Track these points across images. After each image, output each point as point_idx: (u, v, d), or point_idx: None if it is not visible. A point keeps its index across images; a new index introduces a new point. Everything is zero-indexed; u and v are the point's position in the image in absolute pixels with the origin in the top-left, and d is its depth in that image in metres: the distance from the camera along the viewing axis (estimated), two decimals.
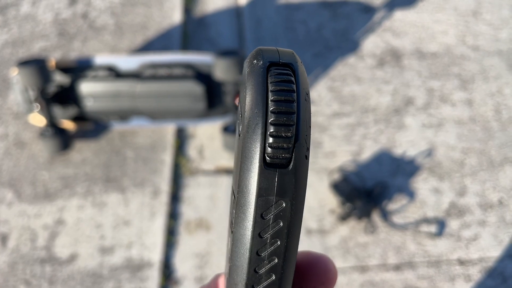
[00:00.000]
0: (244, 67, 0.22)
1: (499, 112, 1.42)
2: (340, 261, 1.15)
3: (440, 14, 1.68)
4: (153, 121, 1.37)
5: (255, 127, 0.19)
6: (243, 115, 0.20)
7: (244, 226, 0.20)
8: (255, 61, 0.21)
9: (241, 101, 0.21)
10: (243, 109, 0.20)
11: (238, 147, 0.21)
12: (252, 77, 0.20)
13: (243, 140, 0.20)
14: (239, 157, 0.20)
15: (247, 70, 0.21)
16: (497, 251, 1.17)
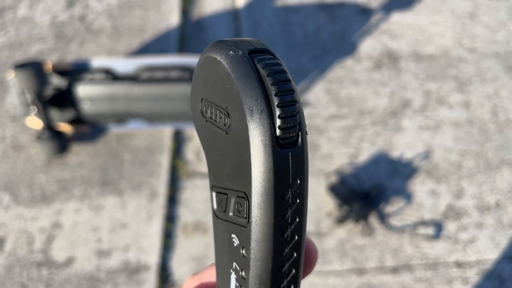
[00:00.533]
0: (209, 60, 0.21)
1: (496, 114, 1.42)
2: (338, 264, 1.15)
3: (437, 16, 1.68)
4: (150, 124, 1.37)
5: (261, 113, 0.19)
6: (233, 106, 0.20)
7: (266, 213, 0.20)
8: (231, 52, 0.20)
9: (218, 94, 0.21)
10: (229, 100, 0.20)
11: (235, 138, 0.20)
12: (239, 66, 0.20)
13: (246, 129, 0.19)
14: (243, 147, 0.20)
15: (228, 61, 0.20)
16: (494, 253, 1.17)
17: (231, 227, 0.22)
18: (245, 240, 0.21)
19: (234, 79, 0.20)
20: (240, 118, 0.20)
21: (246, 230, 0.21)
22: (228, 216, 0.23)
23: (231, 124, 0.21)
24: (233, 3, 1.78)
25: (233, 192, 0.22)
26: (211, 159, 0.23)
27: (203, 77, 0.22)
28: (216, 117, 0.22)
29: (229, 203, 0.22)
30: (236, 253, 0.22)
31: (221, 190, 0.23)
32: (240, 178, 0.21)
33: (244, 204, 0.21)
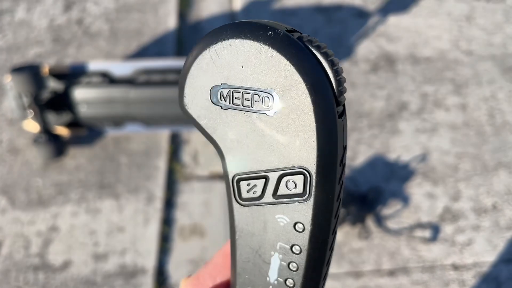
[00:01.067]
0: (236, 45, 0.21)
1: (493, 117, 1.43)
2: (335, 267, 1.15)
3: (433, 19, 1.69)
4: (147, 127, 1.37)
5: (325, 89, 0.20)
6: (282, 86, 0.20)
7: (331, 184, 0.21)
8: (270, 33, 0.20)
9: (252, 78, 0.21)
10: (276, 81, 0.20)
11: (288, 117, 0.21)
12: (290, 44, 0.20)
13: (309, 105, 0.20)
14: (304, 122, 0.20)
15: (271, 42, 0.20)
16: (491, 256, 1.17)
17: (276, 208, 0.23)
18: (302, 215, 0.22)
19: (286, 59, 0.20)
20: (298, 96, 0.20)
21: (306, 205, 0.22)
22: (269, 198, 0.23)
23: (281, 105, 0.21)
24: (230, 6, 1.78)
25: (279, 172, 0.22)
26: (232, 149, 0.22)
27: (219, 63, 0.22)
28: (248, 101, 0.21)
29: (269, 185, 0.22)
30: (284, 232, 0.23)
31: (253, 175, 0.22)
32: (296, 155, 0.21)
33: (302, 180, 0.21)
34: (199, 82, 0.22)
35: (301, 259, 0.23)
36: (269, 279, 0.24)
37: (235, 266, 0.25)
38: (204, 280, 0.27)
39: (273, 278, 0.24)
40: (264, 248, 0.23)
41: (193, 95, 0.23)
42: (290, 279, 0.23)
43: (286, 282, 0.23)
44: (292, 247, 0.23)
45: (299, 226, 0.22)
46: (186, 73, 0.23)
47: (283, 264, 0.23)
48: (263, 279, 0.24)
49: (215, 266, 0.28)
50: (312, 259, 0.23)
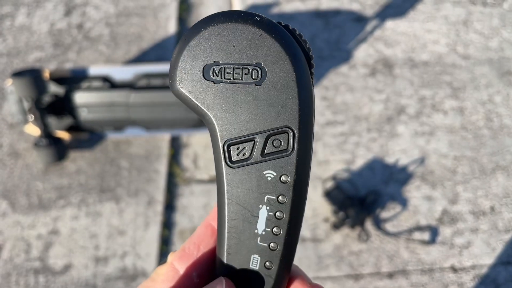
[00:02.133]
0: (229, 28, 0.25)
1: (491, 120, 1.44)
2: (334, 269, 1.16)
3: (431, 23, 1.70)
4: (148, 131, 1.38)
5: (303, 61, 0.25)
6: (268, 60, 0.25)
7: (309, 138, 0.26)
8: (256, 17, 0.25)
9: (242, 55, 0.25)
10: (263, 56, 0.25)
11: (273, 85, 0.25)
12: (275, 29, 0.25)
13: (293, 74, 0.24)
14: (287, 89, 0.25)
15: (260, 25, 0.25)
16: (490, 258, 1.17)
17: (263, 165, 0.26)
18: (286, 167, 0.26)
19: (274, 39, 0.25)
20: (283, 67, 0.25)
21: (290, 159, 0.26)
22: (257, 157, 0.26)
23: (266, 76, 0.25)
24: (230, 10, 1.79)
25: (266, 133, 0.26)
26: (223, 118, 0.26)
27: (211, 45, 0.25)
28: (238, 75, 0.25)
29: (258, 145, 0.26)
30: (271, 185, 0.26)
31: (243, 139, 0.26)
32: (282, 116, 0.25)
33: (286, 137, 0.26)
34: (192, 62, 0.25)
35: (286, 207, 0.26)
36: (257, 230, 0.27)
37: (224, 225, 0.27)
38: (189, 249, 0.30)
39: (261, 229, 0.27)
40: (253, 203, 0.27)
41: (186, 74, 0.26)
42: (277, 227, 0.27)
43: (273, 230, 0.27)
44: (278, 197, 0.26)
45: (284, 177, 0.26)
46: (178, 55, 0.26)
47: (270, 214, 0.27)
48: (252, 232, 0.27)
49: (198, 236, 0.30)
50: (295, 206, 0.26)
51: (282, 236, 0.27)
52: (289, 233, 0.27)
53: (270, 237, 0.27)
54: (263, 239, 0.27)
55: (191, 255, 0.30)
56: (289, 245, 0.27)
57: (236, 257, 0.28)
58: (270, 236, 0.27)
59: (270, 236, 0.27)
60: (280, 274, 0.27)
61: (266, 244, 0.27)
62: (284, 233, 0.27)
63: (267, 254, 0.27)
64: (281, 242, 0.27)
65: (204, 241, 0.30)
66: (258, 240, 0.27)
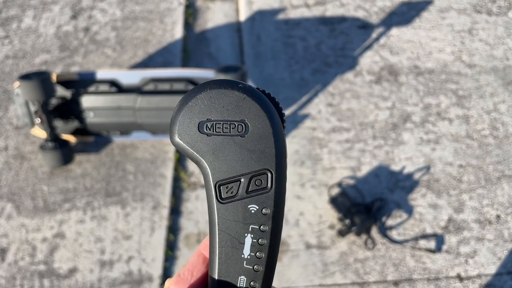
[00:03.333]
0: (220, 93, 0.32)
1: (496, 129, 1.44)
2: (340, 277, 1.15)
3: (436, 31, 1.71)
4: (154, 135, 1.38)
5: (276, 117, 0.32)
6: (251, 117, 0.32)
7: (284, 178, 0.32)
8: (240, 85, 0.32)
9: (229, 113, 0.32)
10: (246, 114, 0.32)
11: (255, 136, 0.31)
12: (254, 93, 0.32)
13: (269, 128, 0.31)
14: (266, 139, 0.31)
15: (243, 91, 0.32)
16: (496, 267, 1.17)
17: (248, 201, 0.32)
18: (267, 202, 0.32)
19: (255, 101, 0.31)
20: (262, 122, 0.31)
21: (269, 194, 0.32)
22: (242, 194, 0.32)
23: (249, 129, 0.31)
24: (236, 16, 1.80)
25: (250, 174, 0.32)
26: (214, 163, 0.32)
27: (204, 106, 0.32)
28: (226, 129, 0.31)
29: (242, 185, 0.32)
30: (254, 217, 0.32)
31: (230, 180, 0.32)
32: (262, 160, 0.31)
33: (265, 178, 0.32)
34: (189, 119, 0.32)
35: (267, 234, 0.32)
36: (244, 255, 0.32)
37: (215, 251, 0.33)
38: (184, 275, 0.34)
39: (246, 254, 0.32)
40: (240, 232, 0.32)
41: (184, 129, 0.32)
42: (259, 252, 0.32)
43: (256, 254, 0.32)
44: (260, 226, 0.32)
45: (265, 210, 0.32)
46: (178, 113, 0.32)
47: (254, 241, 0.32)
48: (239, 256, 0.32)
49: (191, 264, 0.35)
50: (275, 233, 0.32)
51: (264, 259, 0.33)
52: (269, 256, 0.33)
53: (254, 261, 0.33)
54: (248, 262, 0.33)
55: (186, 280, 0.34)
56: (270, 266, 0.33)
57: (226, 279, 0.33)
58: (254, 259, 0.33)
59: (254, 260, 0.33)
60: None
61: (251, 266, 0.33)
62: (266, 256, 0.33)
63: (252, 275, 0.33)
64: (263, 264, 0.33)
65: (197, 268, 0.35)
66: (244, 263, 0.33)
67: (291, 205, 1.28)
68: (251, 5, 1.81)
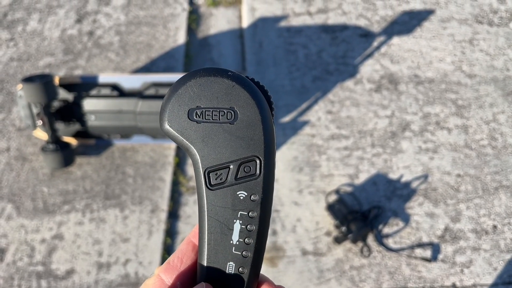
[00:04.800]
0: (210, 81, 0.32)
1: (495, 139, 1.44)
2: (335, 284, 1.16)
3: (437, 41, 1.72)
4: (154, 139, 1.39)
5: (265, 105, 0.32)
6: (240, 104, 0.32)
7: (272, 164, 0.33)
8: (230, 73, 0.32)
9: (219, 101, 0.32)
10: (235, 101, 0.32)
11: (244, 124, 0.32)
12: (243, 81, 0.32)
13: (258, 115, 0.32)
14: (255, 126, 0.32)
15: (232, 78, 0.32)
16: (491, 277, 1.17)
17: (237, 187, 0.32)
18: (255, 188, 0.32)
19: (244, 89, 0.32)
20: (251, 110, 0.31)
21: (258, 181, 0.32)
22: (231, 181, 0.32)
23: (238, 117, 0.31)
24: (239, 22, 1.82)
25: (239, 161, 0.32)
26: (204, 150, 0.32)
27: (194, 94, 0.32)
28: (216, 117, 0.32)
29: (232, 171, 0.32)
30: (243, 203, 0.33)
31: (219, 166, 0.32)
32: (251, 147, 0.32)
33: (254, 164, 0.32)
34: (179, 107, 0.32)
35: (255, 220, 0.33)
36: (232, 241, 0.33)
37: (204, 238, 0.33)
38: (174, 263, 0.35)
39: (235, 240, 0.33)
40: (229, 218, 0.33)
41: (174, 116, 0.32)
42: (248, 238, 0.33)
43: (245, 240, 0.33)
44: (249, 212, 0.33)
45: (253, 196, 0.32)
46: (168, 101, 0.32)
47: (243, 227, 0.33)
48: (228, 242, 0.33)
49: (181, 251, 0.35)
50: (263, 219, 0.33)
51: (253, 245, 0.33)
52: (258, 242, 0.33)
53: (243, 246, 0.33)
54: (237, 248, 0.33)
55: (175, 267, 0.34)
56: (258, 252, 0.33)
57: (215, 265, 0.33)
58: (243, 245, 0.33)
59: (242, 246, 0.33)
60: (251, 277, 0.34)
61: (239, 252, 0.33)
62: (254, 242, 0.33)
63: (240, 261, 0.33)
64: (251, 250, 0.33)
65: (186, 255, 0.35)
66: (233, 249, 0.33)
67: (288, 211, 1.28)
68: (254, 12, 1.83)
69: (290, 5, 1.85)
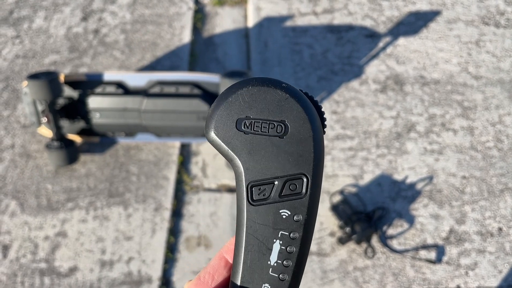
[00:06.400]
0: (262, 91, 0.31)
1: (501, 141, 1.43)
2: (339, 285, 1.15)
3: (443, 42, 1.71)
4: (158, 138, 1.39)
5: (318, 121, 0.31)
6: (291, 118, 0.31)
7: (319, 185, 0.31)
8: (284, 84, 0.31)
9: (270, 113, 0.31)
10: (286, 114, 0.31)
11: (294, 138, 0.30)
12: (297, 94, 0.31)
13: (310, 131, 0.30)
14: (305, 142, 0.30)
15: (287, 90, 0.31)
16: (496, 280, 1.16)
17: (280, 205, 0.31)
18: (300, 208, 0.30)
19: (297, 102, 0.30)
20: (302, 125, 0.30)
21: (303, 201, 0.30)
22: (275, 198, 0.31)
23: (289, 130, 0.30)
24: (244, 22, 1.82)
25: (285, 178, 0.30)
26: (249, 162, 0.31)
27: (245, 103, 0.31)
28: (265, 129, 0.30)
29: (276, 188, 0.30)
30: (285, 223, 0.31)
31: (264, 181, 0.31)
32: (299, 164, 0.30)
33: (301, 183, 0.30)
34: (227, 116, 0.31)
35: (297, 242, 0.31)
36: (270, 262, 0.31)
37: (240, 255, 0.31)
38: (204, 278, 0.33)
39: (273, 261, 0.31)
40: (268, 237, 0.31)
41: (221, 125, 0.31)
42: (287, 260, 0.31)
43: (283, 262, 0.31)
44: (290, 233, 0.30)
45: (297, 217, 0.30)
46: (215, 109, 0.31)
47: (283, 248, 0.31)
48: (265, 263, 0.31)
49: (213, 267, 0.33)
50: (304, 241, 0.31)
51: (291, 268, 0.31)
52: (297, 265, 0.31)
53: (281, 269, 0.31)
54: (274, 270, 0.31)
55: (206, 283, 0.32)
56: (296, 276, 0.31)
57: (249, 285, 0.31)
58: (281, 267, 0.31)
59: (280, 268, 0.31)
60: None
61: (276, 274, 0.31)
62: (293, 265, 0.31)
63: (277, 284, 0.31)
64: (290, 273, 0.31)
65: (218, 272, 0.33)
66: (270, 270, 0.31)
67: None
68: (259, 11, 1.82)
69: (295, 5, 1.84)
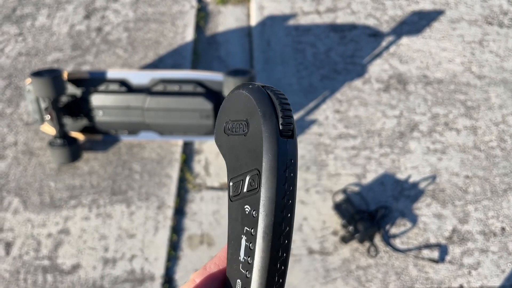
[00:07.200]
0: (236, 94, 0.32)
1: (504, 141, 1.43)
2: (341, 284, 1.15)
3: (447, 41, 1.71)
4: (161, 136, 1.39)
5: (270, 117, 0.30)
6: (251, 116, 0.31)
7: (271, 181, 0.29)
8: (250, 86, 0.31)
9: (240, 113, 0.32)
10: (249, 114, 0.31)
11: (252, 136, 0.31)
12: (256, 93, 0.31)
13: (260, 127, 0.30)
14: (258, 139, 0.30)
15: (248, 91, 0.31)
16: (499, 280, 1.16)
17: (245, 201, 0.31)
18: (255, 204, 0.30)
19: (253, 100, 0.31)
20: (257, 122, 0.30)
21: (257, 196, 0.29)
22: (243, 193, 0.31)
23: (249, 128, 0.31)
24: (247, 20, 1.81)
25: (248, 173, 0.31)
26: (230, 161, 0.32)
27: (230, 106, 0.33)
28: (237, 129, 0.32)
29: (243, 183, 0.31)
30: (247, 218, 0.30)
31: (237, 178, 0.32)
32: (255, 160, 0.30)
33: (256, 178, 0.30)
34: (219, 122, 0.33)
35: (254, 239, 0.30)
36: (240, 258, 0.31)
37: (228, 248, 0.33)
38: (211, 269, 0.34)
39: (242, 257, 0.31)
40: (239, 233, 0.31)
41: (217, 131, 0.34)
42: (250, 257, 0.30)
43: (248, 259, 0.30)
44: (251, 229, 0.30)
45: (254, 213, 0.30)
46: (218, 115, 0.34)
47: (247, 244, 0.30)
48: (238, 259, 0.31)
49: (219, 258, 0.34)
50: (261, 239, 0.29)
51: (252, 266, 0.30)
52: (258, 263, 0.29)
53: (246, 266, 0.30)
54: (243, 266, 0.31)
55: (212, 274, 0.33)
56: (260, 276, 0.30)
57: (230, 279, 0.32)
58: (246, 264, 0.30)
59: (246, 265, 0.31)
60: None
61: (244, 271, 0.31)
62: (253, 263, 0.30)
63: (244, 281, 0.31)
64: (251, 270, 0.30)
65: (224, 263, 0.34)
66: (240, 266, 0.31)
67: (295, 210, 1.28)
68: (262, 10, 1.82)
69: (298, 4, 1.84)
